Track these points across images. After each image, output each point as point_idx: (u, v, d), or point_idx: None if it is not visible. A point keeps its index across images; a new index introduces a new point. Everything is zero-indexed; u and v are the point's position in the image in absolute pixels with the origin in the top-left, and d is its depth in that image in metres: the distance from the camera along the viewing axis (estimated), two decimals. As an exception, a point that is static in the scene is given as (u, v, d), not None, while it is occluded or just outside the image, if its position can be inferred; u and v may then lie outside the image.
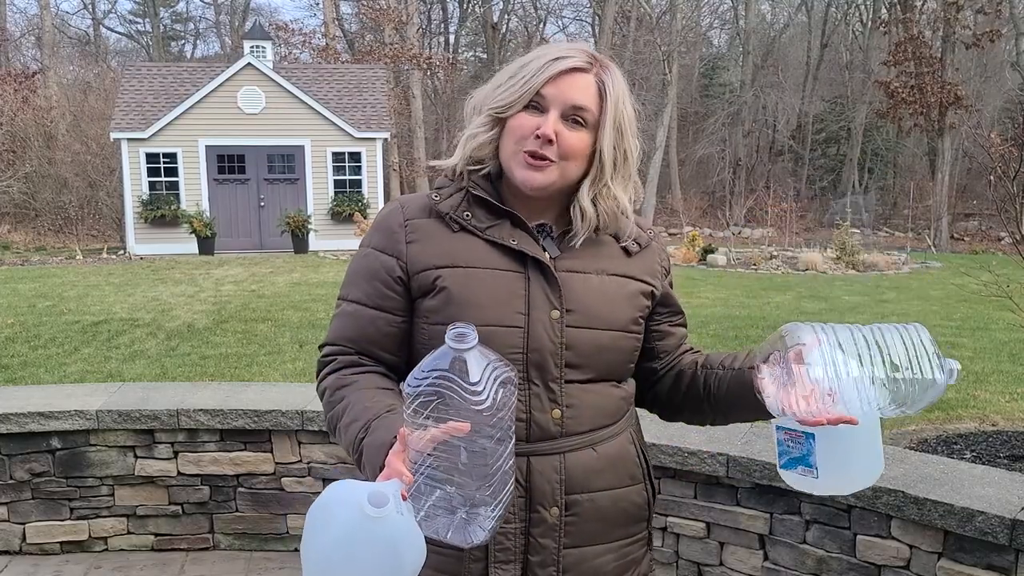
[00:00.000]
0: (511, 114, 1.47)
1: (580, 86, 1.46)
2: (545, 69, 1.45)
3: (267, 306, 9.67)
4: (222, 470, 3.84)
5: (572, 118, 1.46)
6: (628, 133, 1.50)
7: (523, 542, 1.49)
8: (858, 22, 38.65)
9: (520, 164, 1.47)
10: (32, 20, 35.45)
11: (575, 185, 1.51)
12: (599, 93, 1.47)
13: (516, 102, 1.46)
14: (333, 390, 1.51)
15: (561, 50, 1.48)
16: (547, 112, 1.45)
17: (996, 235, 24.82)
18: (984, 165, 19.95)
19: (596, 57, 1.49)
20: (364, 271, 1.54)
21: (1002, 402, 5.18)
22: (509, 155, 1.49)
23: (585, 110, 1.46)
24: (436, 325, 1.47)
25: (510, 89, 1.47)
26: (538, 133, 1.44)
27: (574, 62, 1.46)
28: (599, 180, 1.49)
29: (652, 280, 1.60)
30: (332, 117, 20.02)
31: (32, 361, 6.67)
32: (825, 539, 3.01)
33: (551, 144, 1.45)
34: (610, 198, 1.50)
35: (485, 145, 1.51)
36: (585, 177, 1.50)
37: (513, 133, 1.48)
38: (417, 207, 1.54)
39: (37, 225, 23.02)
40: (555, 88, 1.45)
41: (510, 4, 34.66)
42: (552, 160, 1.46)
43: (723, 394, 1.58)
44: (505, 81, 1.49)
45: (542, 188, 1.48)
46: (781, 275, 14.58)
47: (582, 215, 1.50)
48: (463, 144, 1.53)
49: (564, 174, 1.48)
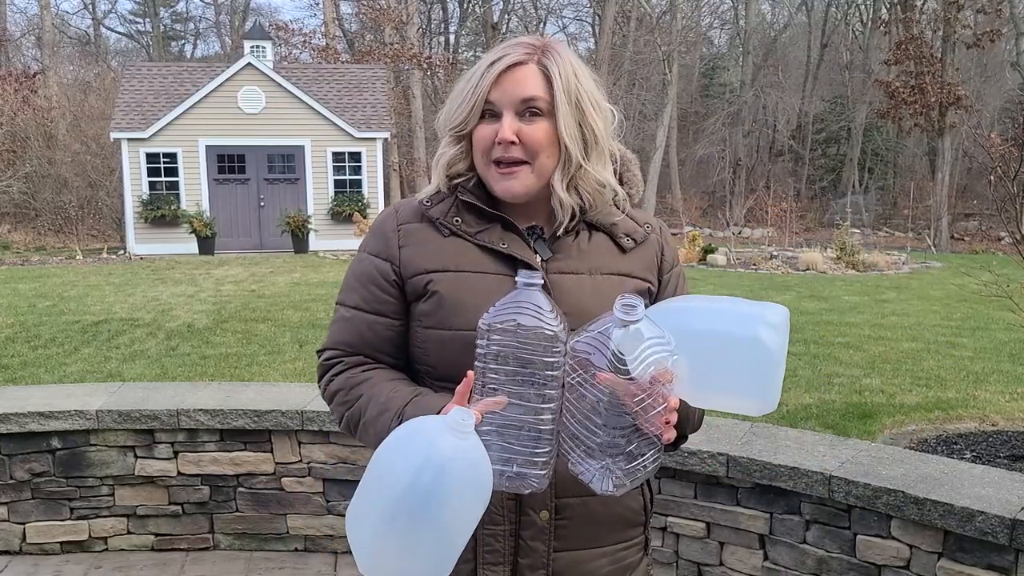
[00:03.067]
0: (470, 129, 1.48)
1: (523, 78, 1.44)
2: (486, 75, 1.45)
3: (267, 306, 9.67)
4: (222, 470, 3.84)
5: (527, 112, 1.44)
6: (591, 107, 1.47)
7: (512, 544, 1.48)
8: (858, 22, 38.65)
9: (495, 178, 1.48)
10: (32, 20, 35.48)
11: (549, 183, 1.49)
12: (545, 78, 1.44)
13: (470, 116, 1.46)
14: (348, 389, 1.51)
15: (498, 51, 1.47)
16: (501, 116, 1.44)
17: (996, 235, 24.82)
18: (984, 165, 19.95)
19: (535, 45, 1.47)
20: (360, 276, 1.55)
21: (1002, 402, 5.18)
22: (483, 168, 1.49)
23: (536, 99, 1.44)
24: (429, 329, 1.47)
25: (462, 105, 1.47)
26: (498, 140, 1.44)
27: (511, 58, 1.45)
28: (570, 164, 1.46)
29: (649, 276, 1.57)
30: (332, 117, 20.02)
31: (32, 361, 6.66)
32: (825, 539, 3.01)
33: (515, 145, 1.44)
34: (588, 179, 1.48)
35: (457, 160, 1.51)
36: (556, 167, 1.47)
37: (478, 147, 1.48)
38: (410, 212, 1.55)
39: (37, 225, 23.02)
40: (500, 90, 1.44)
41: (510, 4, 34.65)
42: (524, 160, 1.45)
43: None
44: (456, 98, 1.49)
45: (523, 195, 1.48)
46: (781, 275, 14.58)
47: (561, 205, 1.49)
48: (435, 168, 1.54)
49: (540, 172, 1.47)
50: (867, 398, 5.27)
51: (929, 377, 5.91)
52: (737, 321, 1.33)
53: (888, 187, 34.96)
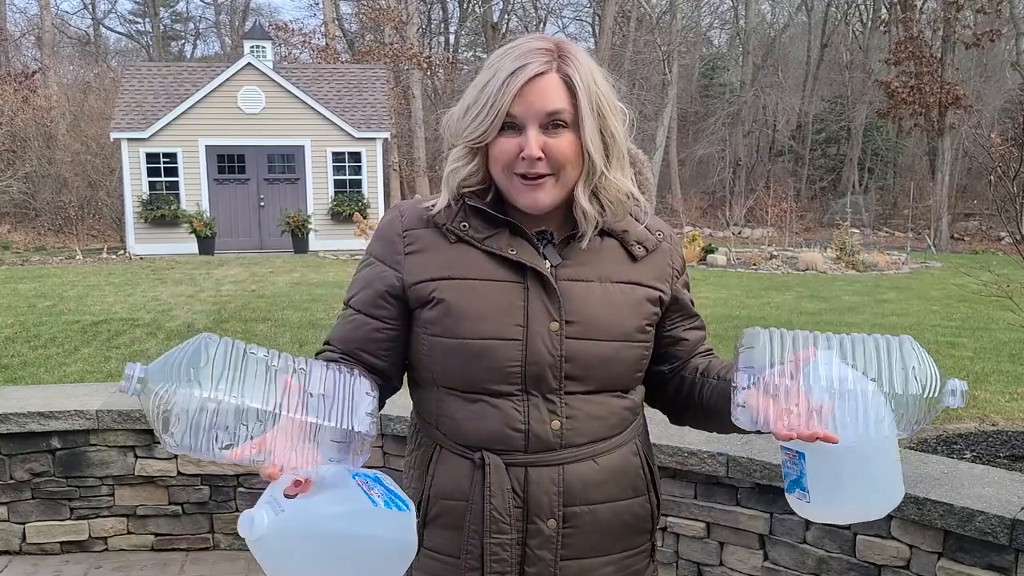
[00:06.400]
0: (488, 141, 1.41)
1: (546, 90, 1.38)
2: (507, 86, 1.37)
3: (267, 306, 9.67)
4: (222, 470, 3.84)
5: (551, 124, 1.39)
6: (609, 111, 1.42)
7: (519, 553, 1.46)
8: (858, 22, 38.65)
9: (520, 190, 1.43)
10: (32, 20, 35.47)
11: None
12: (568, 89, 1.39)
13: (490, 129, 1.39)
14: None
15: (516, 59, 1.38)
16: (524, 129, 1.39)
17: (996, 235, 24.82)
18: (984, 165, 19.94)
19: (551, 50, 1.40)
20: (364, 278, 1.54)
21: (1002, 402, 5.18)
22: (503, 180, 1.44)
23: (561, 112, 1.38)
24: (435, 337, 1.46)
25: (479, 116, 1.39)
26: (523, 155, 1.38)
27: (533, 69, 1.37)
28: (593, 175, 1.43)
29: (661, 285, 1.53)
30: (332, 117, 20.02)
31: (32, 361, 6.66)
32: (825, 539, 3.01)
33: (541, 161, 1.39)
34: (611, 188, 1.45)
35: (472, 176, 1.47)
36: (580, 177, 1.44)
37: (498, 160, 1.42)
38: (416, 216, 1.51)
39: (37, 225, 23.03)
40: (523, 103, 1.37)
41: (510, 4, 34.65)
42: (548, 174, 1.41)
43: (713, 404, 1.50)
44: (471, 106, 1.41)
45: (550, 207, 1.44)
46: (781, 275, 14.58)
47: (585, 217, 1.45)
48: (446, 181, 1.49)
49: (565, 183, 1.43)
50: (867, 398, 5.26)
51: (929, 377, 5.91)
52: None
53: (888, 187, 34.95)
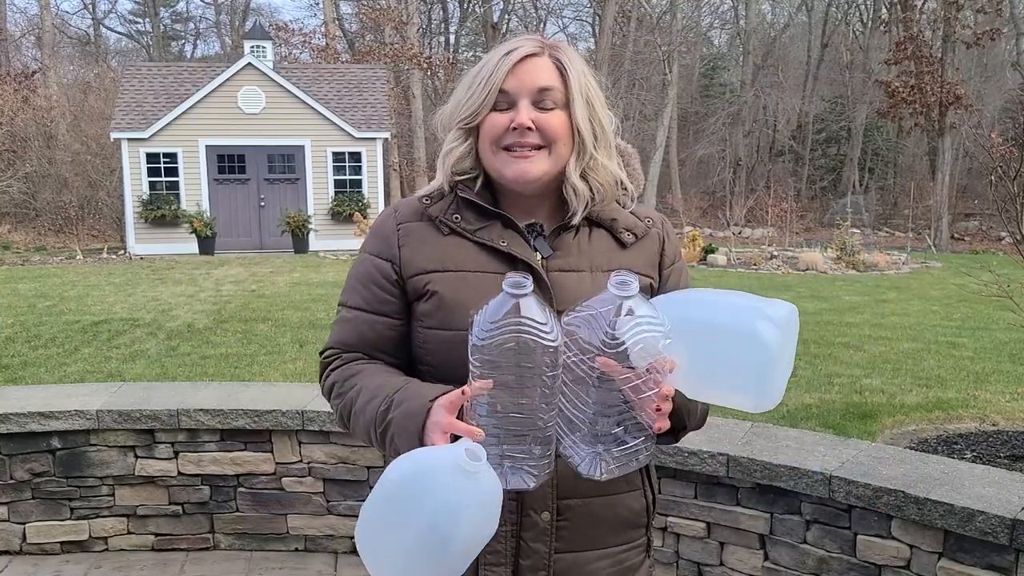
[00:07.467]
0: (480, 119, 1.47)
1: (539, 68, 1.46)
2: (500, 64, 1.45)
3: (267, 306, 9.66)
4: (222, 470, 3.84)
5: (541, 102, 1.45)
6: (598, 105, 1.50)
7: (514, 545, 1.47)
8: (858, 22, 38.64)
9: (506, 162, 1.47)
10: (32, 20, 35.46)
11: (563, 171, 1.50)
12: (559, 71, 1.47)
13: (483, 106, 1.46)
14: (343, 380, 1.51)
15: (509, 44, 1.48)
16: (516, 104, 1.45)
17: (996, 235, 24.82)
18: (984, 165, 19.95)
19: (544, 42, 1.49)
20: (362, 276, 1.55)
21: (1002, 402, 5.18)
22: (491, 157, 1.48)
23: (551, 90, 1.46)
24: (431, 330, 1.48)
25: (473, 96, 1.47)
26: (515, 124, 1.44)
27: (525, 50, 1.46)
28: (583, 154, 1.49)
29: (650, 271, 1.56)
30: (332, 117, 20.02)
31: (32, 361, 6.66)
32: (825, 539, 3.01)
33: (531, 131, 1.45)
34: (599, 169, 1.50)
35: (464, 157, 1.51)
36: (571, 155, 1.49)
37: (488, 135, 1.47)
38: (410, 211, 1.55)
39: (37, 225, 23.02)
40: (516, 79, 1.45)
41: (510, 4, 34.63)
42: (539, 145, 1.46)
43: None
44: (465, 92, 1.49)
45: (538, 178, 1.47)
46: (781, 275, 14.58)
47: (575, 193, 1.49)
48: (442, 162, 1.53)
49: (557, 159, 1.48)
50: (867, 398, 5.27)
51: (929, 377, 5.91)
52: (737, 314, 1.31)
53: (888, 187, 34.95)
